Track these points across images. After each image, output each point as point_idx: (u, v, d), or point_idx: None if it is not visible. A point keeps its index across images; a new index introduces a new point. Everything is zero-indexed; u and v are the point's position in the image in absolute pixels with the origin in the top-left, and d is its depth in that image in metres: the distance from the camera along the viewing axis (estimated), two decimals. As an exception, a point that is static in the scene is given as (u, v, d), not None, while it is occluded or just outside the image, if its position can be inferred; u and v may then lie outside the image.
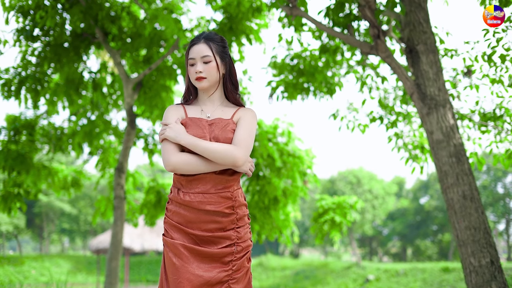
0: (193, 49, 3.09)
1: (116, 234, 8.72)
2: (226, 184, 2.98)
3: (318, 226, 10.82)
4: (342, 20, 6.44)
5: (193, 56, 3.07)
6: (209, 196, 2.92)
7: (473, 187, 5.51)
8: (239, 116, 3.13)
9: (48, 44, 9.04)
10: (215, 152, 2.88)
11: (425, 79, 5.77)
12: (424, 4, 5.93)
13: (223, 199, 2.95)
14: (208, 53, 3.06)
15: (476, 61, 7.05)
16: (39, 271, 33.19)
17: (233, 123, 3.07)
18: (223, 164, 2.92)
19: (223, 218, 2.94)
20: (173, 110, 3.11)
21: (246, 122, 3.09)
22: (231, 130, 3.03)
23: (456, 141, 5.61)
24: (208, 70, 3.07)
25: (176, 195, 2.97)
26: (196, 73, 3.07)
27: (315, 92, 8.87)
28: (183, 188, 2.96)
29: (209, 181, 2.94)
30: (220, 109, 3.15)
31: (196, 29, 9.28)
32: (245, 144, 2.99)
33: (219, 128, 3.01)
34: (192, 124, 3.01)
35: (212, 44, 3.09)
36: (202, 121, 3.04)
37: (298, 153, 10.16)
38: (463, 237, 5.42)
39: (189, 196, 2.92)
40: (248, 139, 3.03)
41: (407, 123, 8.71)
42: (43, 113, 10.66)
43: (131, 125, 9.17)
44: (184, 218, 2.93)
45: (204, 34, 3.14)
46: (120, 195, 8.90)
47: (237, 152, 2.92)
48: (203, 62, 3.06)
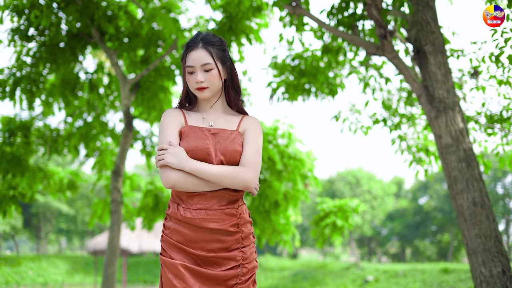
0: (191, 55, 2.81)
1: (113, 239, 8.52)
2: (230, 199, 2.74)
3: (319, 230, 10.65)
4: (347, 20, 6.23)
5: (192, 64, 2.79)
6: (212, 213, 2.68)
7: (483, 193, 5.31)
8: (244, 127, 2.90)
9: (44, 44, 8.88)
10: (224, 177, 2.66)
11: (433, 81, 5.56)
12: (432, 3, 5.71)
13: (227, 216, 2.70)
14: (208, 60, 2.79)
15: (483, 61, 6.86)
16: (36, 272, 33.13)
17: (239, 134, 2.84)
18: (233, 188, 2.71)
19: (228, 237, 2.70)
20: (172, 115, 2.84)
21: (253, 137, 2.86)
22: (239, 142, 2.80)
23: (466, 146, 5.40)
24: (210, 79, 2.81)
25: (175, 211, 2.73)
26: (196, 82, 2.80)
27: (316, 93, 8.72)
28: (183, 204, 2.72)
29: (212, 196, 2.70)
30: (223, 118, 2.91)
31: (194, 29, 9.13)
32: (254, 165, 2.77)
33: (227, 141, 2.77)
34: (192, 133, 2.76)
35: (212, 49, 2.82)
36: (203, 131, 2.79)
37: (299, 156, 9.98)
38: (474, 245, 5.21)
39: (190, 212, 2.68)
40: (257, 158, 2.81)
41: (411, 125, 8.56)
42: (38, 114, 10.49)
43: (128, 127, 9.00)
44: (184, 236, 2.69)
45: (201, 36, 2.85)
46: (117, 199, 8.72)
47: (248, 175, 2.71)
48: (204, 70, 2.80)
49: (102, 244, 27.60)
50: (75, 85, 9.38)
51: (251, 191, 2.79)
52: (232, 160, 2.75)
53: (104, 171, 10.76)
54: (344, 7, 6.14)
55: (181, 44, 8.44)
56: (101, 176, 10.63)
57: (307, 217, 49.98)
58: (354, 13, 6.34)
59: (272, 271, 35.31)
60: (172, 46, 8.47)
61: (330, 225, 10.59)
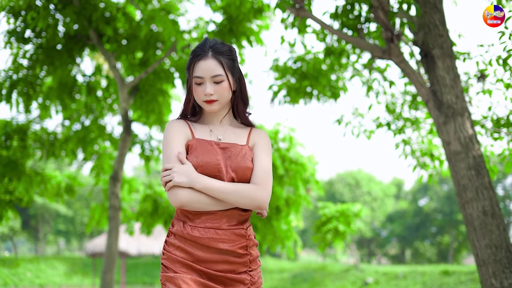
0: (200, 65, 2.60)
1: (111, 246, 8.36)
2: (239, 219, 2.58)
3: (321, 236, 10.49)
4: (352, 22, 6.06)
5: (201, 75, 2.59)
6: (221, 233, 2.51)
7: (494, 202, 5.13)
8: (254, 142, 2.73)
9: (40, 46, 8.74)
10: (237, 196, 2.49)
11: (441, 86, 5.39)
12: (439, 5, 5.54)
13: (237, 237, 2.54)
14: (219, 71, 2.59)
15: (490, 65, 6.70)
16: (35, 273, 33.03)
17: (249, 149, 2.68)
18: (245, 207, 2.55)
19: (236, 258, 2.52)
20: (177, 127, 2.65)
21: (264, 153, 2.70)
22: (250, 158, 2.63)
23: (476, 153, 5.23)
24: (220, 92, 2.62)
25: (181, 229, 2.54)
26: (205, 95, 2.61)
27: (318, 96, 8.59)
28: (190, 222, 2.54)
29: (222, 215, 2.54)
30: (231, 131, 2.73)
31: (194, 31, 9.00)
32: (267, 183, 2.60)
33: (238, 157, 2.60)
34: (200, 147, 2.59)
35: (223, 59, 2.62)
36: (212, 145, 2.61)
37: (301, 160, 9.82)
38: (484, 256, 5.04)
39: (199, 231, 2.51)
40: (269, 176, 2.63)
41: (415, 129, 8.41)
42: (35, 117, 10.34)
43: (126, 131, 8.86)
44: (192, 256, 2.50)
45: (210, 43, 2.64)
46: (115, 205, 8.56)
47: (261, 195, 2.54)
48: (214, 82, 2.61)
49: (101, 247, 27.45)
50: (73, 88, 9.24)
51: (261, 212, 2.61)
52: (243, 177, 2.59)
53: (102, 175, 10.61)
54: (349, 9, 5.97)
55: (180, 46, 8.30)
56: (99, 180, 10.48)
57: (306, 218, 49.91)
58: (359, 15, 6.18)
59: (272, 272, 35.14)
60: (171, 49, 8.33)
61: (332, 230, 10.43)
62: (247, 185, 2.54)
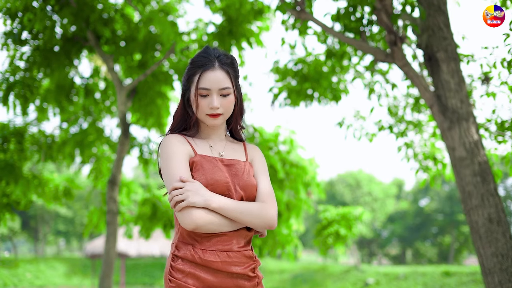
0: (207, 76, 2.44)
1: (109, 251, 8.23)
2: (246, 239, 2.46)
3: (322, 240, 10.39)
4: (354, 25, 5.94)
5: (208, 86, 2.44)
6: (233, 255, 2.38)
7: (499, 209, 5.01)
8: (251, 157, 2.63)
9: (37, 48, 8.62)
10: (250, 215, 2.37)
11: (446, 90, 5.26)
12: (444, 7, 5.41)
13: (246, 259, 2.42)
14: (228, 84, 2.46)
15: (494, 67, 6.59)
16: (34, 274, 33.00)
17: (250, 165, 2.57)
18: (256, 227, 2.44)
19: (246, 282, 2.41)
20: (178, 143, 2.47)
21: (264, 168, 2.60)
22: (252, 175, 2.54)
23: (481, 159, 5.11)
24: (226, 105, 2.48)
25: (191, 253, 2.37)
26: (211, 108, 2.45)
27: (319, 99, 8.50)
28: (200, 245, 2.38)
29: (232, 236, 2.40)
30: (230, 146, 2.61)
31: (193, 32, 8.90)
32: (273, 201, 2.49)
33: (244, 174, 2.48)
34: (206, 165, 2.43)
35: (230, 70, 2.48)
36: (217, 161, 2.48)
37: (301, 163, 9.71)
38: (489, 265, 4.91)
39: (211, 254, 2.35)
40: (273, 193, 2.53)
41: (417, 132, 8.32)
42: (32, 120, 10.23)
43: (124, 134, 8.74)
44: (204, 282, 2.34)
45: (215, 53, 2.50)
46: (113, 210, 8.43)
47: (272, 212, 2.43)
48: (221, 95, 2.46)
49: (100, 248, 27.37)
50: (70, 90, 9.12)
51: (263, 231, 2.52)
52: (251, 195, 2.48)
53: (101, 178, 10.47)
54: (351, 11, 5.85)
55: (179, 48, 8.20)
56: (98, 184, 10.36)
57: (307, 219, 49.85)
58: (362, 18, 6.06)
59: (272, 273, 35.08)
60: (170, 51, 8.21)
61: (333, 234, 10.32)
62: (257, 203, 2.44)
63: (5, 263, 32.81)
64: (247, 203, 2.40)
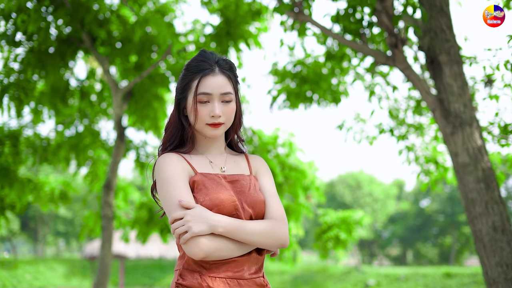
0: (208, 80, 2.22)
1: (104, 258, 8.03)
2: (257, 265, 2.24)
3: (321, 244, 10.24)
4: (354, 27, 5.79)
5: (209, 91, 2.22)
6: (244, 283, 2.17)
7: (504, 217, 4.85)
8: (256, 169, 2.40)
9: (32, 49, 8.47)
10: (264, 236, 2.15)
11: (448, 94, 5.10)
12: (446, 9, 5.25)
13: (257, 287, 2.22)
14: (230, 89, 2.25)
15: (497, 69, 6.45)
16: (34, 275, 32.88)
17: (256, 179, 2.35)
18: (268, 247, 2.21)
19: None
20: (176, 163, 2.23)
21: (271, 182, 2.37)
22: (259, 189, 2.31)
23: (485, 165, 4.95)
24: (228, 114, 2.27)
25: (198, 281, 2.14)
26: (212, 116, 2.23)
27: (319, 101, 8.38)
28: (208, 272, 2.15)
29: (243, 262, 2.19)
30: (231, 159, 2.38)
31: (191, 33, 8.76)
32: (284, 216, 2.26)
33: (251, 190, 2.26)
34: (209, 184, 2.20)
35: (231, 75, 2.28)
36: (220, 178, 2.24)
37: (301, 167, 9.56)
38: (494, 274, 4.75)
39: (222, 282, 2.14)
40: (282, 207, 2.30)
41: (419, 135, 8.19)
42: (27, 123, 10.10)
43: (120, 138, 8.58)
44: None
45: (214, 57, 2.29)
46: (108, 215, 8.24)
47: (284, 231, 2.21)
48: (222, 101, 2.25)
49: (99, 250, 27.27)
50: (65, 92, 8.96)
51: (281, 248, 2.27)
52: (260, 213, 2.26)
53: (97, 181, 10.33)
54: (350, 13, 5.70)
55: (176, 49, 8.05)
56: (94, 188, 10.21)
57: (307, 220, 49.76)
58: (362, 19, 5.91)
59: (272, 274, 34.91)
60: (166, 52, 8.07)
61: (333, 238, 10.18)
62: (267, 221, 2.21)
63: (4, 264, 32.70)
64: (256, 223, 2.18)
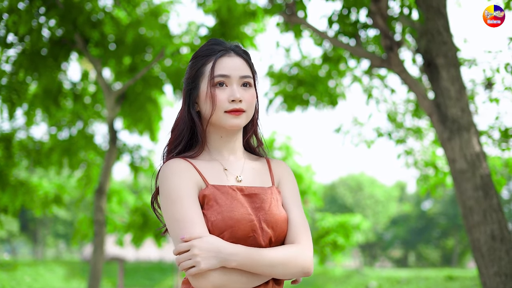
0: (223, 62, 1.91)
1: (95, 264, 7.85)
2: None
3: (319, 249, 10.09)
4: (349, 29, 5.64)
5: (227, 73, 1.90)
6: None
7: (503, 225, 4.69)
8: (278, 179, 2.03)
9: (24, 51, 8.33)
10: (285, 267, 1.83)
11: (445, 98, 4.94)
12: (443, 10, 5.09)
13: None
14: (248, 72, 1.94)
15: (497, 72, 6.31)
16: (33, 277, 32.77)
17: (278, 192, 1.99)
18: (290, 277, 1.88)
19: None
20: (184, 172, 1.89)
21: (297, 196, 2.02)
22: (281, 203, 1.97)
23: (483, 171, 4.79)
24: (249, 100, 1.93)
25: None
26: (233, 101, 1.90)
27: (316, 103, 8.28)
28: None
29: None
30: (249, 166, 2.02)
31: (186, 35, 8.62)
32: (310, 239, 1.93)
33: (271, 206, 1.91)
34: (222, 199, 1.87)
35: (250, 60, 1.98)
36: (236, 191, 1.90)
37: (298, 171, 9.43)
38: (492, 284, 4.60)
39: None
40: (308, 227, 1.96)
41: (417, 139, 8.08)
42: (20, 125, 9.98)
43: (113, 141, 8.43)
44: None
45: (227, 43, 2.00)
46: (100, 220, 8.07)
47: (309, 257, 1.87)
48: (242, 84, 1.93)
49: (98, 252, 27.22)
50: (58, 94, 8.81)
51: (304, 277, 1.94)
52: (282, 234, 1.93)
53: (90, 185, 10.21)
54: (345, 14, 5.55)
55: (170, 51, 7.91)
56: (88, 191, 10.06)
57: (308, 221, 49.82)
58: (357, 21, 5.77)
59: (273, 277, 34.90)
60: (160, 54, 7.93)
61: (330, 243, 10.02)
62: (290, 248, 1.88)
63: (3, 266, 32.59)
64: (276, 251, 1.85)
